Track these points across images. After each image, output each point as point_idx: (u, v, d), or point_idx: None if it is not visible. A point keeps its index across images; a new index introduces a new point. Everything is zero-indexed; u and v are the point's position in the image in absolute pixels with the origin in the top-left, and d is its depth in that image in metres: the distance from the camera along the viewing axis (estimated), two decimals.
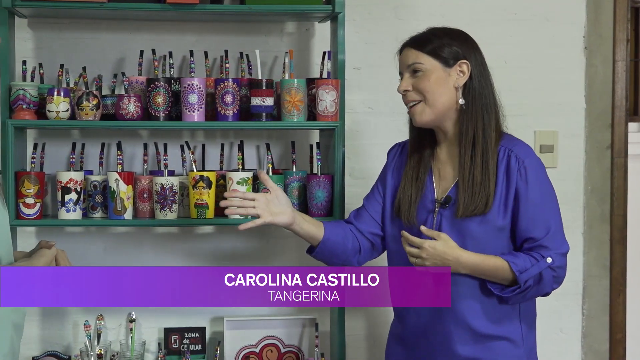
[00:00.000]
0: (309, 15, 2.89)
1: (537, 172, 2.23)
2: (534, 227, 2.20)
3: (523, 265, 2.17)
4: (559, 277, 2.22)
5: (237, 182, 2.75)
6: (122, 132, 2.98)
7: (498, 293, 2.20)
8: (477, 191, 2.20)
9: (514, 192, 2.21)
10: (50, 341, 3.01)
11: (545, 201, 2.22)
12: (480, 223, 2.20)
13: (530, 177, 2.21)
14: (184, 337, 3.00)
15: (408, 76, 2.28)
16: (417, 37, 2.29)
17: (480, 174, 2.21)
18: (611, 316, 3.26)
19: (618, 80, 3.23)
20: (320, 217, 2.80)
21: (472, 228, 2.21)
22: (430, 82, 2.24)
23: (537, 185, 2.21)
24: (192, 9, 2.73)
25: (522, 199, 2.20)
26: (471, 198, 2.20)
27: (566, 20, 3.21)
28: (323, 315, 3.04)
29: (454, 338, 2.24)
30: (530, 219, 2.20)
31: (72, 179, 2.74)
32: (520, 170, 2.21)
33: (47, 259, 2.02)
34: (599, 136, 3.24)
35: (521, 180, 2.20)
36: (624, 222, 3.26)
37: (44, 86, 2.80)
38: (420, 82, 2.25)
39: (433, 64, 2.24)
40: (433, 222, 2.26)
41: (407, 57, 2.28)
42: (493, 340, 2.23)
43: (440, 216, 2.25)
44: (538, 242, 2.20)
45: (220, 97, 2.75)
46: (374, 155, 3.06)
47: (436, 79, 2.24)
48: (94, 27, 2.98)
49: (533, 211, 2.20)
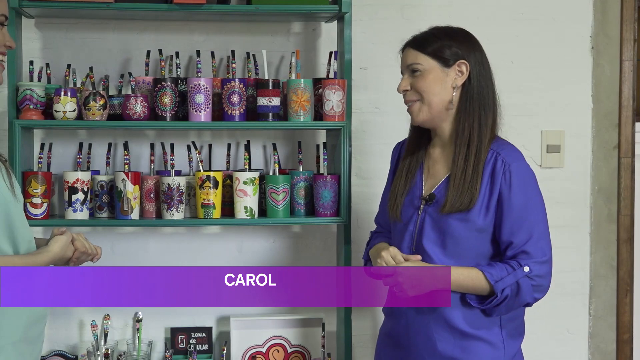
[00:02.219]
0: (315, 15, 2.89)
1: (523, 177, 2.21)
2: (516, 233, 2.18)
3: (498, 275, 2.16)
4: (540, 285, 2.19)
5: (244, 182, 2.75)
6: (128, 132, 2.99)
7: (477, 306, 2.19)
8: (465, 189, 2.20)
9: (497, 195, 2.20)
10: (57, 341, 3.02)
11: (528, 207, 2.20)
12: (461, 221, 2.20)
13: (515, 181, 2.19)
14: (191, 336, 3.00)
15: (407, 76, 2.30)
16: (418, 37, 2.30)
17: (471, 172, 2.21)
18: (618, 316, 3.26)
19: (625, 80, 3.22)
20: (326, 217, 2.80)
21: (453, 226, 2.20)
22: (427, 81, 2.25)
23: (521, 190, 2.19)
24: (198, 9, 2.73)
25: (504, 202, 2.19)
26: (459, 195, 2.20)
27: (573, 20, 3.20)
28: (330, 315, 3.04)
29: (435, 337, 2.24)
30: (512, 223, 2.18)
31: (79, 179, 2.75)
32: (505, 174, 2.20)
33: (62, 244, 2.05)
34: (606, 136, 3.23)
35: (505, 184, 2.19)
36: (631, 222, 3.25)
37: (51, 86, 2.80)
38: (418, 82, 2.26)
39: (431, 64, 2.25)
40: (417, 220, 2.27)
41: (407, 57, 2.30)
42: (472, 339, 2.23)
43: (425, 213, 2.26)
44: (519, 247, 2.18)
45: (227, 97, 2.75)
46: (380, 155, 3.06)
47: (433, 78, 2.25)
48: (101, 27, 2.99)
49: (515, 216, 2.18)
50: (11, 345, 1.94)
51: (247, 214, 2.77)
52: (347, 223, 2.81)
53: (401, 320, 2.31)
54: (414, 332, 2.28)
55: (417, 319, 2.27)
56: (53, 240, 2.06)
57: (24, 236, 2.00)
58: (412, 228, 2.28)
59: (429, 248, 2.23)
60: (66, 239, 2.08)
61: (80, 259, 2.12)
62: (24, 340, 1.98)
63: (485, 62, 2.28)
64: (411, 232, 2.28)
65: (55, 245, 2.05)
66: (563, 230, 3.16)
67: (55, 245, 2.05)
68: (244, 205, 2.77)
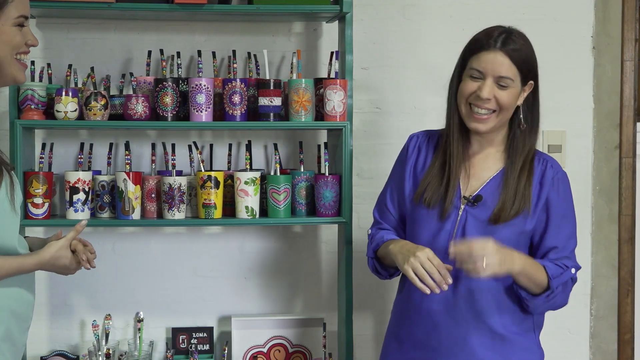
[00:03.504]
0: (316, 15, 2.89)
1: (568, 186, 2.27)
2: (561, 238, 2.23)
3: (556, 271, 2.19)
4: (570, 291, 2.27)
5: (245, 182, 2.75)
6: (130, 132, 2.99)
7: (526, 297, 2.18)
8: (518, 201, 2.20)
9: (544, 200, 2.22)
10: (58, 341, 3.02)
11: (569, 216, 2.26)
12: (510, 225, 2.20)
13: (562, 189, 2.24)
14: (192, 336, 3.00)
15: (492, 83, 2.17)
16: (514, 45, 2.17)
17: (524, 183, 2.21)
18: (619, 316, 3.25)
19: (626, 80, 3.22)
20: (328, 217, 2.80)
21: (500, 229, 2.19)
22: (510, 97, 2.19)
23: (567, 199, 2.25)
24: (199, 9, 2.73)
25: (552, 207, 2.22)
26: (511, 207, 2.19)
27: (574, 20, 3.20)
28: (331, 315, 3.04)
29: (472, 338, 2.21)
30: (556, 228, 2.22)
31: (80, 178, 2.75)
32: (554, 180, 2.24)
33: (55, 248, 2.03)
34: (607, 136, 3.23)
35: (554, 190, 2.23)
36: (632, 222, 3.25)
37: (52, 86, 2.80)
38: (504, 96, 2.17)
39: (518, 80, 2.19)
40: (457, 218, 2.22)
41: (500, 64, 2.16)
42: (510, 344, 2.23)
43: (466, 214, 2.21)
44: (563, 252, 2.22)
45: (228, 97, 2.75)
46: (381, 155, 3.06)
47: (514, 94, 2.20)
48: (102, 27, 2.99)
49: (560, 222, 2.23)
50: None
51: (248, 214, 2.77)
52: (348, 223, 2.81)
53: (428, 321, 2.24)
54: (446, 335, 2.22)
55: (451, 321, 2.21)
56: (47, 245, 2.05)
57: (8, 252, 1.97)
58: (449, 227, 2.22)
59: None
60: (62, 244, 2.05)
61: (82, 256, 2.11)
62: (5, 340, 1.96)
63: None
64: (449, 232, 2.22)
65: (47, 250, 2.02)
66: None
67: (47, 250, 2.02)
68: (245, 205, 2.77)
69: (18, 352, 2.03)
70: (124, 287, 3.04)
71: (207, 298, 3.07)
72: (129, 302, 3.04)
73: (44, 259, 2.01)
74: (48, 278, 2.96)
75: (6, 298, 1.98)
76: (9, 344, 1.98)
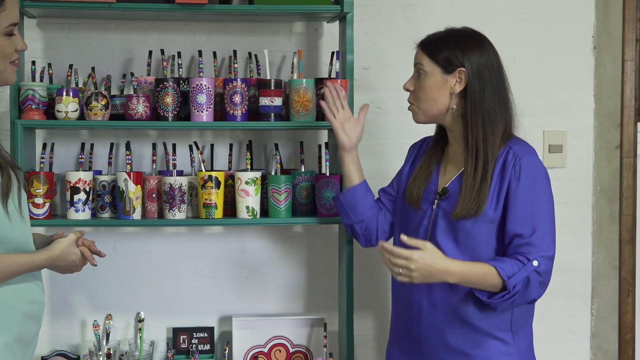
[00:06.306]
0: (317, 15, 2.89)
1: (533, 172, 2.21)
2: (522, 224, 2.18)
3: (510, 270, 2.15)
4: (544, 282, 2.19)
5: (246, 182, 2.75)
6: (130, 132, 2.99)
7: (486, 300, 2.18)
8: (474, 197, 2.21)
9: (506, 187, 2.21)
10: (58, 341, 3.02)
11: (536, 202, 2.20)
12: (472, 219, 2.22)
13: (524, 174, 2.20)
14: (193, 336, 3.00)
15: (415, 76, 2.32)
16: (428, 38, 2.33)
17: (479, 182, 2.22)
18: (620, 316, 3.25)
19: (627, 80, 3.22)
20: (329, 217, 2.80)
21: (463, 222, 2.23)
22: (425, 87, 2.28)
23: (530, 184, 2.20)
24: (200, 9, 2.73)
25: (512, 194, 2.20)
26: (468, 203, 2.21)
27: (575, 19, 3.20)
28: (332, 315, 3.04)
29: (447, 331, 2.25)
30: (518, 215, 2.19)
31: (81, 179, 2.75)
32: (515, 167, 2.21)
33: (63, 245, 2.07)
34: (608, 136, 3.23)
35: (514, 177, 2.20)
36: (633, 222, 3.25)
37: (53, 86, 2.80)
38: (418, 85, 2.30)
39: (433, 68, 2.28)
40: (431, 214, 2.29)
41: (416, 56, 2.34)
42: (484, 335, 2.24)
43: (438, 208, 2.28)
44: (525, 239, 2.17)
45: (229, 97, 2.75)
46: (382, 156, 3.06)
47: (432, 84, 2.27)
48: (103, 27, 2.99)
49: (522, 208, 2.19)
50: (4, 344, 1.94)
51: (249, 214, 2.77)
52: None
53: (412, 313, 2.31)
54: (425, 326, 2.28)
55: (430, 312, 2.27)
56: (55, 242, 2.07)
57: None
58: (426, 223, 2.31)
59: (442, 242, 2.24)
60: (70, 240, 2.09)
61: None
62: (18, 341, 1.97)
63: (492, 67, 2.26)
64: (425, 227, 2.30)
65: (56, 246, 2.06)
66: (565, 231, 3.15)
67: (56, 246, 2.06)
68: (246, 205, 2.77)
69: (29, 353, 2.04)
70: (124, 287, 3.04)
71: (207, 298, 3.08)
72: (130, 302, 3.04)
73: (55, 254, 2.05)
74: (49, 278, 2.96)
75: (19, 300, 1.99)
76: (20, 345, 1.99)
